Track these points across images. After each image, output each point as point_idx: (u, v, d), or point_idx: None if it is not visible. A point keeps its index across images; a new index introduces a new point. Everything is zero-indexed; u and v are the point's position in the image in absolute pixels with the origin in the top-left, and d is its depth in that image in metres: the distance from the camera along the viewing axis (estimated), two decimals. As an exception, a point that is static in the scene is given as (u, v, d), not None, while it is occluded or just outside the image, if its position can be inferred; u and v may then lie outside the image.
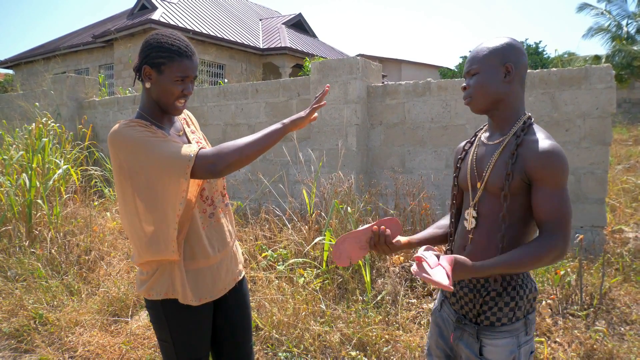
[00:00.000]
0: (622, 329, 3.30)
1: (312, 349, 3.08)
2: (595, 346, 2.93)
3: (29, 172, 5.29)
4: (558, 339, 3.09)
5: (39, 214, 5.29)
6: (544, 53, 27.00)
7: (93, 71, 18.74)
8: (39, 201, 5.18)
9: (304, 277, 3.78)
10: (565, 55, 18.56)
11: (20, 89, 13.93)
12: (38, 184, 5.31)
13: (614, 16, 17.99)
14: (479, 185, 1.60)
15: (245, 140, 1.59)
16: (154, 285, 1.71)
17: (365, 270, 3.72)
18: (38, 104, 8.70)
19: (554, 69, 4.76)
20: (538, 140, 1.48)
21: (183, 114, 1.93)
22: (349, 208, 4.31)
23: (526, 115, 1.59)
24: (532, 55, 24.15)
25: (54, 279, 4.24)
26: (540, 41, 26.54)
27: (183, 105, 1.71)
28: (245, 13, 23.82)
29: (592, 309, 3.42)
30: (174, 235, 1.62)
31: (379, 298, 3.61)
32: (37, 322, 3.64)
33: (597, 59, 16.73)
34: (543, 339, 3.03)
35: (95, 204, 6.12)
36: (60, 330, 3.49)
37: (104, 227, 5.27)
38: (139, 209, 1.63)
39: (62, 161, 6.06)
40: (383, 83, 5.84)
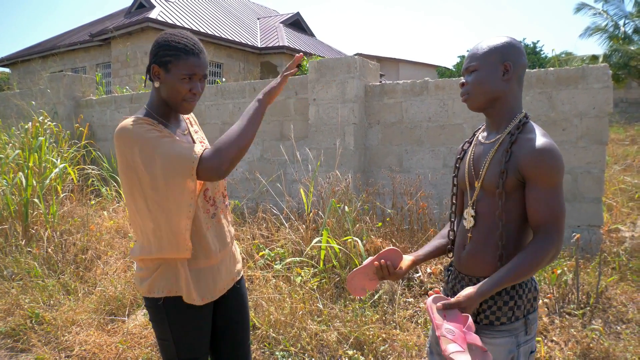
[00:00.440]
0: (619, 327, 3.31)
1: (309, 348, 3.08)
2: (591, 345, 2.94)
3: (26, 171, 5.27)
4: (555, 338, 3.10)
5: (36, 212, 5.28)
6: (542, 53, 27.05)
7: (90, 70, 18.69)
8: (36, 200, 5.17)
9: (301, 276, 3.78)
10: (563, 55, 18.60)
11: (17, 88, 13.90)
12: (34, 182, 5.30)
13: (611, 16, 18.03)
14: (477, 184, 1.60)
15: (237, 132, 1.57)
16: (155, 283, 1.70)
17: (363, 270, 3.72)
18: (35, 102, 8.69)
19: (551, 69, 4.77)
20: (532, 138, 1.48)
21: None
22: (346, 207, 4.31)
23: (522, 114, 1.58)
24: (530, 55, 24.19)
25: (51, 278, 4.23)
26: (538, 41, 26.63)
27: (192, 104, 1.70)
28: (243, 12, 23.80)
29: (589, 308, 3.43)
30: (187, 235, 1.63)
31: (376, 297, 3.61)
32: (34, 322, 3.63)
33: (595, 58, 16.78)
34: (540, 338, 3.04)
35: (92, 203, 6.10)
36: (56, 330, 3.48)
37: (101, 226, 5.26)
38: (143, 205, 1.63)
39: (59, 160, 6.04)
40: (381, 82, 5.84)
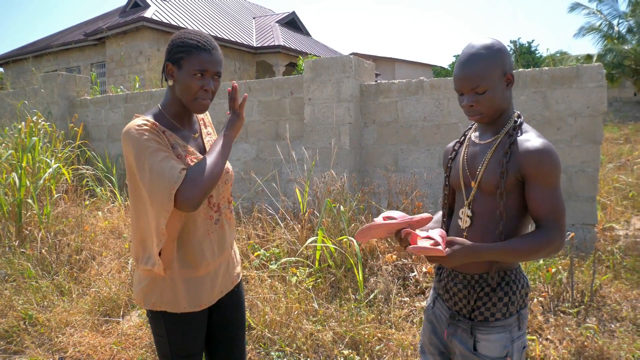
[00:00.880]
0: (613, 325, 3.32)
1: (305, 347, 3.08)
2: (586, 343, 2.95)
3: (19, 171, 5.24)
4: (549, 336, 3.11)
5: (29, 213, 5.25)
6: (536, 52, 27.14)
7: (84, 69, 18.62)
8: (29, 200, 5.14)
9: (297, 276, 3.77)
10: (557, 55, 18.68)
11: (11, 87, 13.81)
12: (28, 183, 5.26)
13: (605, 16, 18.13)
14: (473, 184, 1.61)
15: (210, 165, 1.56)
16: (148, 295, 1.72)
17: (358, 269, 3.72)
18: (28, 102, 8.64)
19: (546, 68, 4.78)
20: (531, 139, 1.51)
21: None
22: (341, 207, 4.31)
23: (516, 114, 1.60)
24: (525, 54, 24.27)
25: (44, 279, 4.20)
26: (533, 40, 26.78)
27: (206, 103, 1.68)
28: (238, 11, 23.76)
29: (583, 306, 3.43)
30: (156, 251, 1.62)
31: (372, 296, 3.61)
32: (27, 323, 3.61)
33: (589, 58, 16.86)
34: (535, 337, 3.04)
35: (87, 203, 6.08)
36: (50, 331, 3.46)
37: (95, 227, 5.23)
38: (137, 208, 1.66)
39: (53, 160, 6.01)
40: (376, 82, 5.84)
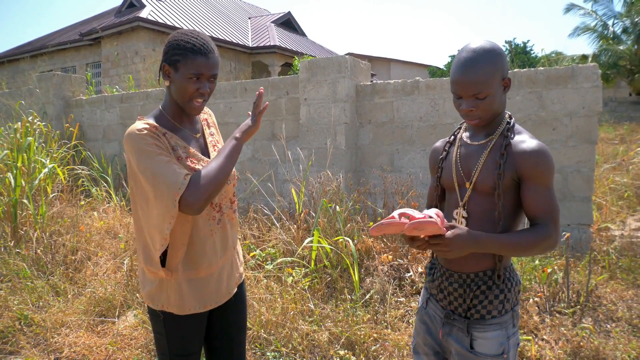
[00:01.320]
0: (608, 326, 3.34)
1: (301, 348, 3.08)
2: (582, 343, 2.96)
3: (14, 171, 5.22)
4: (545, 337, 3.11)
5: (25, 213, 5.23)
6: (532, 52, 27.21)
7: (80, 69, 18.57)
8: (25, 200, 5.12)
9: (293, 276, 3.77)
10: (553, 55, 18.75)
11: (6, 87, 13.76)
12: (23, 183, 5.24)
13: (600, 16, 18.21)
14: (468, 185, 1.62)
15: (215, 169, 1.57)
16: (155, 296, 1.73)
17: (354, 269, 3.72)
18: (24, 102, 8.60)
19: (541, 68, 4.79)
20: (526, 140, 1.54)
21: (205, 113, 1.92)
22: (337, 207, 4.31)
23: (507, 115, 1.63)
24: (520, 55, 24.34)
25: (40, 280, 4.18)
26: (528, 40, 26.87)
27: (201, 104, 1.69)
28: (234, 11, 23.74)
29: (579, 307, 3.45)
30: (157, 255, 1.63)
31: (368, 297, 3.61)
32: (23, 323, 3.59)
33: (585, 58, 16.93)
34: (530, 337, 3.05)
35: (82, 203, 6.05)
36: (45, 331, 3.45)
37: (91, 227, 5.21)
38: (140, 211, 1.66)
39: (48, 160, 5.98)
40: (372, 82, 5.84)
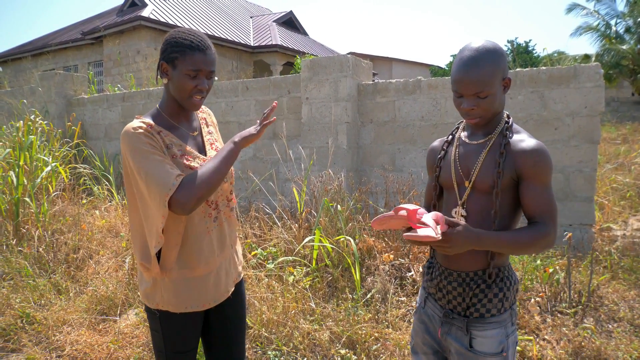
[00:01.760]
0: (610, 326, 3.33)
1: (302, 347, 3.08)
2: (583, 343, 2.95)
3: (16, 170, 5.23)
4: (547, 337, 3.11)
5: (27, 211, 5.24)
6: (534, 52, 27.17)
7: (82, 68, 18.60)
8: (27, 199, 5.13)
9: (294, 276, 3.77)
10: (555, 54, 18.72)
11: (8, 86, 13.78)
12: (25, 181, 5.26)
13: (602, 16, 18.16)
14: (467, 183, 1.62)
15: (209, 170, 1.59)
16: (151, 295, 1.74)
17: (355, 269, 3.72)
18: (26, 101, 8.62)
19: (544, 68, 4.78)
20: (524, 139, 1.56)
21: (204, 112, 1.94)
22: (339, 206, 4.31)
23: (505, 114, 1.64)
24: (522, 54, 24.30)
25: (42, 278, 4.20)
26: (530, 40, 26.85)
27: (200, 100, 1.71)
28: (236, 10, 23.74)
29: (581, 307, 3.44)
30: (153, 252, 1.65)
31: (369, 296, 3.61)
32: (24, 321, 3.60)
33: (587, 58, 16.90)
34: (532, 337, 3.05)
35: (84, 202, 6.06)
36: (47, 330, 3.46)
37: (93, 225, 5.22)
38: (140, 209, 1.67)
39: (50, 159, 6.00)
40: (374, 81, 5.84)
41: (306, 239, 4.02)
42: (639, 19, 16.88)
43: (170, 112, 1.75)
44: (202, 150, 1.80)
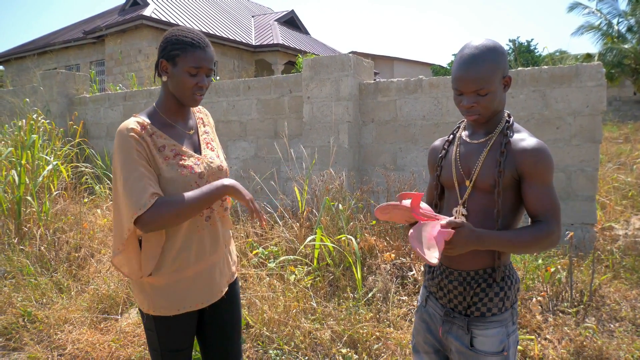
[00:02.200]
0: (612, 325, 3.33)
1: (303, 346, 3.08)
2: (585, 343, 2.95)
3: (18, 169, 5.24)
4: (548, 336, 3.11)
5: (28, 210, 5.25)
6: (536, 51, 27.12)
7: (84, 67, 18.61)
8: (29, 198, 5.14)
9: (295, 275, 3.77)
10: (557, 54, 18.69)
11: (10, 85, 13.81)
12: (27, 180, 5.27)
13: (604, 14, 18.12)
14: (468, 183, 1.62)
15: (187, 201, 1.60)
16: (141, 299, 1.78)
17: (356, 268, 3.72)
18: (28, 100, 8.63)
19: (545, 67, 4.77)
20: (525, 138, 1.56)
21: (201, 112, 1.95)
22: (340, 205, 4.31)
23: (506, 113, 1.64)
24: (524, 53, 24.25)
25: (43, 276, 4.20)
26: (532, 39, 26.79)
27: (200, 97, 1.73)
28: (237, 10, 23.74)
29: (582, 306, 3.43)
30: (114, 259, 1.68)
31: (370, 295, 3.61)
32: (26, 320, 3.61)
33: (589, 57, 16.86)
34: (533, 336, 3.04)
35: (86, 200, 6.07)
36: (49, 328, 3.46)
37: (94, 224, 5.23)
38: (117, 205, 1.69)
39: (52, 158, 6.00)
40: (375, 80, 5.83)
41: (308, 238, 4.02)
42: (641, 18, 16.84)
43: (167, 111, 1.75)
44: (198, 149, 1.81)
